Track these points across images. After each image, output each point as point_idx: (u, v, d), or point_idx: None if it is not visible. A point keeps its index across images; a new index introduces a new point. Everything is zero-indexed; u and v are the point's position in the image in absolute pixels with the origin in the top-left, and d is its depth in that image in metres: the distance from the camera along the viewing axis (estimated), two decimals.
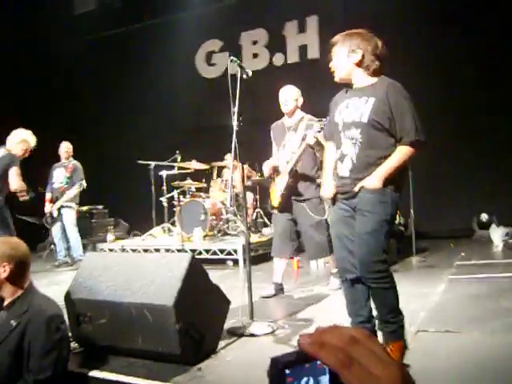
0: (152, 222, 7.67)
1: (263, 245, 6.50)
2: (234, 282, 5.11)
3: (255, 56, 9.24)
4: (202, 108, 9.48)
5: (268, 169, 4.46)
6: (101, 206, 8.51)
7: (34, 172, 6.10)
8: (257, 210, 7.76)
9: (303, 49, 8.86)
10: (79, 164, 7.16)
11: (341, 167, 2.76)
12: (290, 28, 8.96)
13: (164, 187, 7.54)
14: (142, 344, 2.78)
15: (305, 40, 8.83)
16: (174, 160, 7.48)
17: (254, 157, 6.35)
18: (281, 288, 4.58)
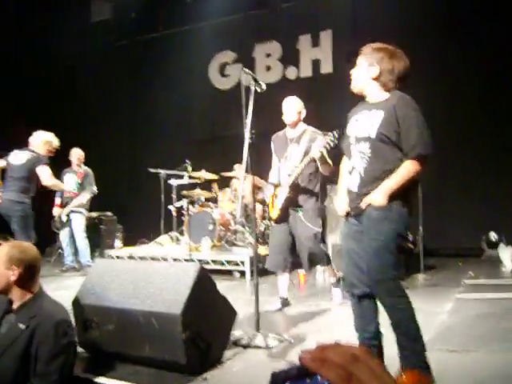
0: (160, 230, 7.70)
1: None
2: (241, 294, 5.11)
3: (268, 69, 9.27)
4: (215, 118, 9.52)
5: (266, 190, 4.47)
6: (110, 213, 8.55)
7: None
8: (265, 222, 7.75)
9: (316, 63, 8.89)
10: (90, 170, 7.22)
11: (350, 181, 2.75)
12: (304, 42, 8.98)
13: (174, 195, 7.58)
14: (149, 352, 2.79)
15: (318, 54, 8.85)
16: (184, 169, 7.51)
17: (265, 169, 6.36)
18: (287, 302, 4.57)
